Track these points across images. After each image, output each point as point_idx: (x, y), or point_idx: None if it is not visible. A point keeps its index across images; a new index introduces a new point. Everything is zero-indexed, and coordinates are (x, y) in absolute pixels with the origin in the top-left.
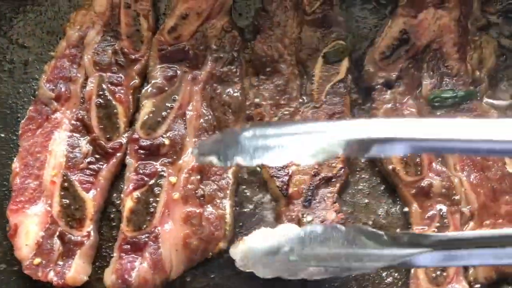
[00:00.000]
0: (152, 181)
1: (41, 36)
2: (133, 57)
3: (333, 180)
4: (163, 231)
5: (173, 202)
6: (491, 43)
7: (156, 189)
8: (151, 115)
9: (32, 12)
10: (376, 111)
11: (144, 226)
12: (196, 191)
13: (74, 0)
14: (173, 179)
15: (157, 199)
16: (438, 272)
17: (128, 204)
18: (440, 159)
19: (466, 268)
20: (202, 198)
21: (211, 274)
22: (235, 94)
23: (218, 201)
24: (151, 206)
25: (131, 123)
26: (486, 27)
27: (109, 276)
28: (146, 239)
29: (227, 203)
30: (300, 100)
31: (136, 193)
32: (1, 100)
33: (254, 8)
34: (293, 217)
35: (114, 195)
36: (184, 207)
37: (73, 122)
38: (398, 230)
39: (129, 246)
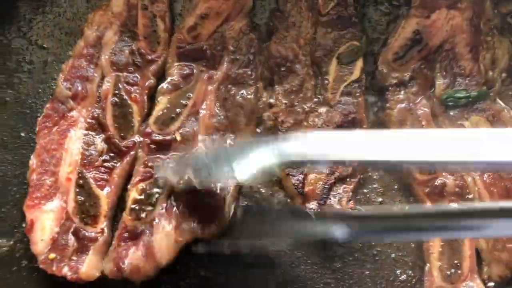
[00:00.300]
0: None
1: (59, 37)
2: (150, 57)
3: (348, 178)
4: (160, 221)
5: (176, 195)
6: (504, 43)
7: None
8: (165, 111)
9: (51, 13)
10: (390, 111)
11: (144, 215)
12: None
13: (92, 1)
14: None
15: (161, 191)
16: (453, 270)
17: (133, 194)
18: None
19: (480, 266)
20: None
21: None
22: (249, 97)
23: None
24: (154, 197)
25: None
26: (498, 28)
27: (107, 264)
28: (143, 228)
29: (228, 197)
30: (315, 100)
31: (141, 185)
32: (21, 100)
33: (269, 8)
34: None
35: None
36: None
37: (88, 120)
38: None
39: (127, 235)
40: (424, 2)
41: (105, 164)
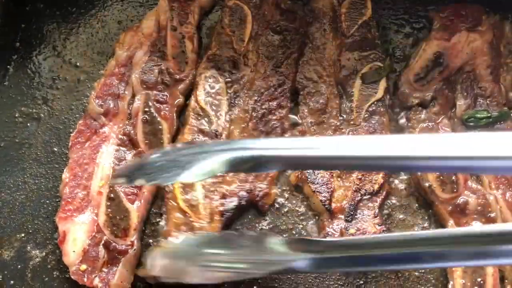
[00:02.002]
0: None
1: (92, 56)
2: (178, 77)
3: (374, 195)
4: None
5: None
6: None
7: None
8: None
9: (84, 33)
10: (412, 130)
11: None
12: None
13: (123, 23)
14: None
15: None
16: None
17: None
18: (475, 177)
19: (503, 285)
20: None
21: None
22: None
23: None
24: None
25: (173, 139)
26: None
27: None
28: None
29: None
30: (340, 119)
31: None
32: (54, 116)
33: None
34: (336, 230)
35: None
36: None
37: (120, 136)
38: None
39: None
40: (444, 25)
41: None
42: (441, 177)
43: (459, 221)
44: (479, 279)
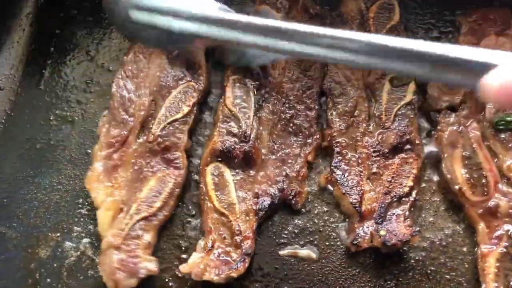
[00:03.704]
0: None
1: (123, 60)
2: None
3: (404, 198)
4: None
5: None
6: None
7: None
8: None
9: (116, 38)
10: (441, 133)
11: None
12: None
13: None
14: None
15: None
16: None
17: None
18: (506, 180)
19: None
20: None
21: None
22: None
23: None
24: None
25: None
26: None
27: None
28: None
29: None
30: (369, 122)
31: None
32: (88, 118)
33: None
34: (366, 232)
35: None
36: None
37: None
38: (464, 249)
39: None
40: (472, 29)
41: None
42: (472, 180)
43: (490, 224)
44: None
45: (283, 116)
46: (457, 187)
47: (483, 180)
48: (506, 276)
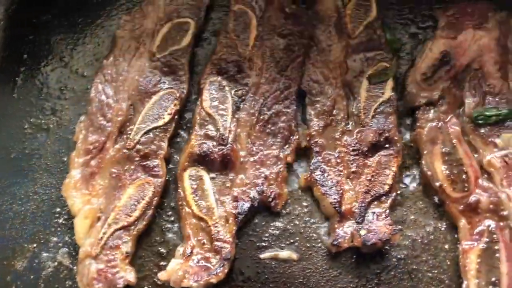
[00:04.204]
0: None
1: (98, 66)
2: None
3: (384, 196)
4: None
5: None
6: None
7: None
8: None
9: (90, 43)
10: (421, 130)
11: None
12: None
13: None
14: None
15: None
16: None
17: None
18: (486, 175)
19: None
20: None
21: None
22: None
23: None
24: None
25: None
26: None
27: None
28: None
29: None
30: (347, 121)
31: None
32: (63, 126)
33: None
34: (347, 232)
35: None
36: None
37: None
38: (446, 246)
39: None
40: (450, 23)
41: None
42: (452, 176)
43: (471, 220)
44: (493, 279)
45: (261, 117)
46: (437, 184)
47: (464, 176)
48: (487, 272)
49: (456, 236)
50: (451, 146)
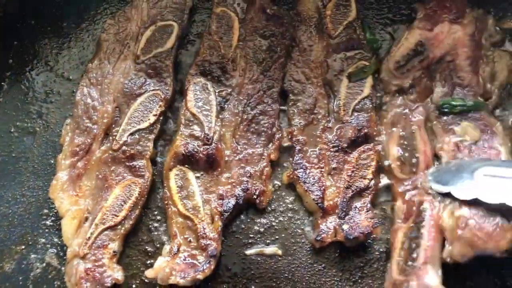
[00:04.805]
0: None
1: (84, 69)
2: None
3: (365, 191)
4: None
5: None
6: (503, 58)
7: None
8: None
9: (75, 47)
10: (385, 113)
11: None
12: None
13: None
14: None
15: None
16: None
17: None
18: (437, 162)
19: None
20: None
21: None
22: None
23: None
24: None
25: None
26: (500, 43)
27: None
28: None
29: None
30: (328, 118)
31: None
32: (50, 129)
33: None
34: (330, 227)
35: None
36: None
37: None
38: None
39: None
40: (428, 15)
41: None
42: (402, 158)
43: (407, 201)
44: (414, 255)
45: (245, 117)
46: (387, 163)
47: (414, 160)
48: (409, 249)
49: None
50: (410, 132)
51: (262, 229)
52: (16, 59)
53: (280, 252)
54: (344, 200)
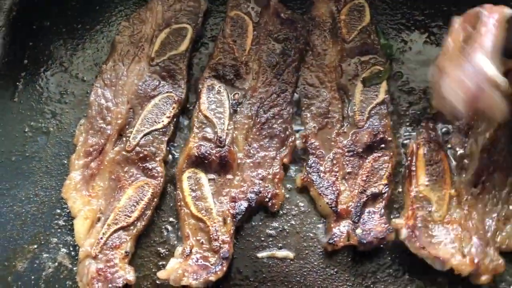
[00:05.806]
0: None
1: (98, 70)
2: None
3: (379, 196)
4: None
5: None
6: None
7: None
8: None
9: (90, 49)
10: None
11: None
12: None
13: None
14: None
15: None
16: None
17: None
18: None
19: None
20: None
21: None
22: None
23: None
24: None
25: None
26: None
27: None
28: None
29: None
30: (343, 123)
31: None
32: (63, 129)
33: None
34: (343, 232)
35: None
36: None
37: None
38: None
39: None
40: None
41: None
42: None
43: None
44: None
45: (258, 120)
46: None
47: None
48: None
49: None
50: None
51: (274, 232)
52: (31, 60)
53: (292, 255)
54: (358, 204)
